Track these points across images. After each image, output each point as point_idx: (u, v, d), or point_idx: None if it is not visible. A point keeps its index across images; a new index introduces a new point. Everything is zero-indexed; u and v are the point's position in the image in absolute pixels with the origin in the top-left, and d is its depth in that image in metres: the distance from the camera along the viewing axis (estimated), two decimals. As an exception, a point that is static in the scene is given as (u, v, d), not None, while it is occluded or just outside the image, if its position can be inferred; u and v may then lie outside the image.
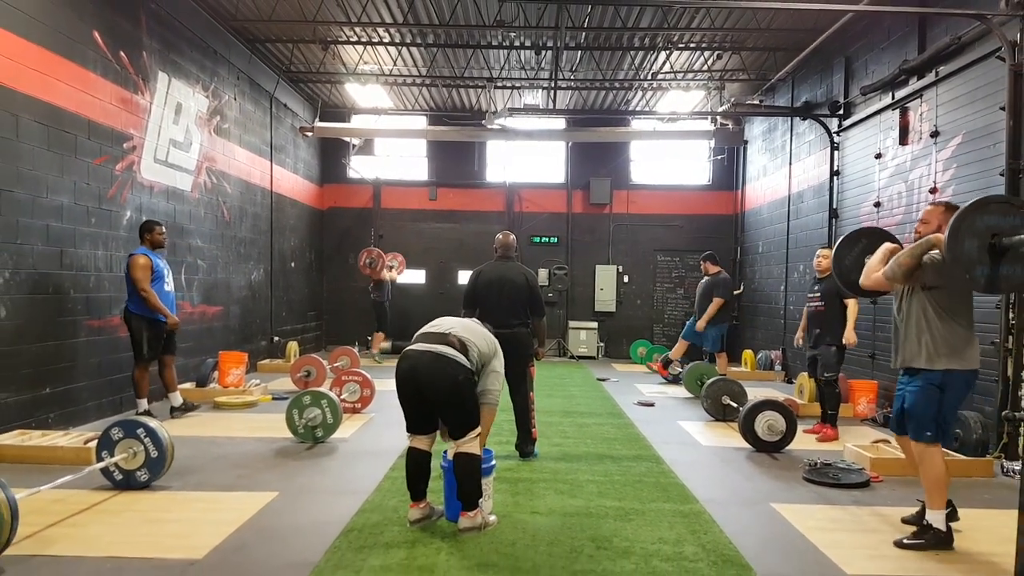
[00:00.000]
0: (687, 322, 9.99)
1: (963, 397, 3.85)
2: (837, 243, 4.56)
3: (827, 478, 5.01)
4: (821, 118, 9.68)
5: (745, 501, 4.54)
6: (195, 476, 4.82)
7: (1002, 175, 5.96)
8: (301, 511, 4.15)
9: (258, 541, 3.65)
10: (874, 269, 3.93)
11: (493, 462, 4.10)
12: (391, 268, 12.55)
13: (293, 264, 12.38)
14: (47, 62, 5.95)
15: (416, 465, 3.87)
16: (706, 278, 9.53)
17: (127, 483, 4.47)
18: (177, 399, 6.95)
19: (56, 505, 4.10)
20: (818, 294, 6.60)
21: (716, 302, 9.20)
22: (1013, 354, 5.83)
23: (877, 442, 5.84)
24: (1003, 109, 5.98)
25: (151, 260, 6.41)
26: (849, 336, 6.39)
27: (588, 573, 3.28)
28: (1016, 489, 4.80)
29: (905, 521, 4.08)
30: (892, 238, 4.28)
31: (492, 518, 3.92)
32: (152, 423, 4.54)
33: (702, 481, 4.97)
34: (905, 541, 3.78)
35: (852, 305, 6.45)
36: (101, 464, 4.41)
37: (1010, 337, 5.84)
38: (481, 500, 3.82)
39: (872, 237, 4.36)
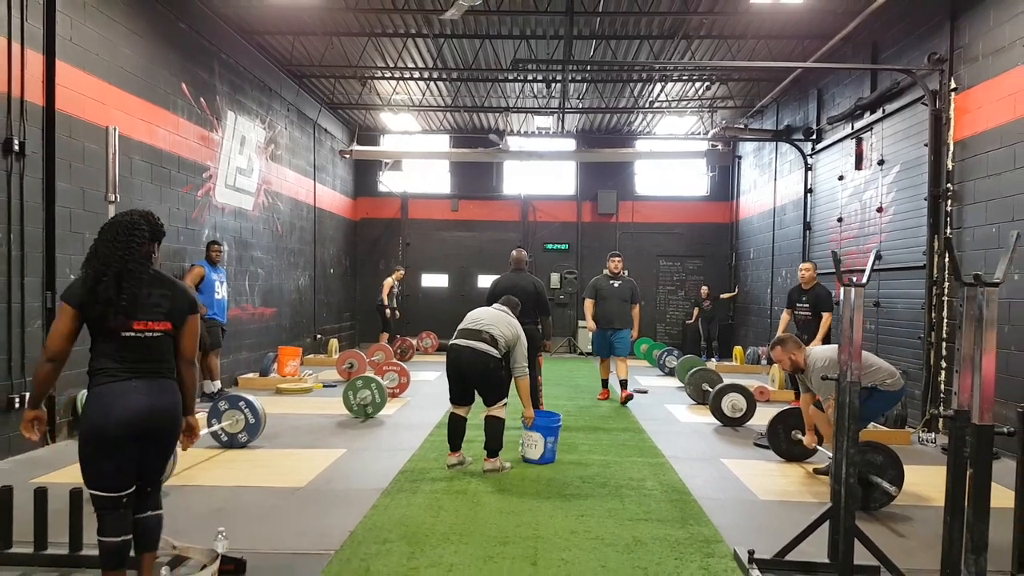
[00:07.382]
0: (615, 339, 8.50)
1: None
2: (767, 437, 5.80)
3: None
4: (796, 142, 10.98)
5: (701, 457, 5.91)
6: (279, 439, 6.27)
7: (925, 200, 7.29)
8: (366, 461, 5.58)
9: (340, 477, 5.08)
10: (824, 421, 5.11)
11: (559, 423, 5.61)
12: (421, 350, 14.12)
13: (332, 270, 13.88)
14: (150, 112, 7.45)
15: (455, 426, 5.31)
16: (623, 281, 8.73)
17: (231, 443, 5.92)
18: (211, 387, 8.05)
19: (181, 459, 5.51)
20: (806, 304, 7.75)
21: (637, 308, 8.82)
22: (934, 347, 7.16)
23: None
24: (926, 146, 7.30)
25: (205, 271, 7.93)
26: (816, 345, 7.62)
27: (573, 496, 4.68)
28: (928, 454, 6.14)
29: (816, 472, 5.42)
30: (799, 416, 5.52)
31: (507, 464, 5.32)
32: (250, 396, 6.00)
33: (672, 445, 6.33)
34: (817, 468, 5.18)
35: (826, 318, 7.60)
36: (212, 428, 5.87)
37: (932, 333, 7.17)
38: (499, 451, 5.24)
39: (785, 419, 5.70)
